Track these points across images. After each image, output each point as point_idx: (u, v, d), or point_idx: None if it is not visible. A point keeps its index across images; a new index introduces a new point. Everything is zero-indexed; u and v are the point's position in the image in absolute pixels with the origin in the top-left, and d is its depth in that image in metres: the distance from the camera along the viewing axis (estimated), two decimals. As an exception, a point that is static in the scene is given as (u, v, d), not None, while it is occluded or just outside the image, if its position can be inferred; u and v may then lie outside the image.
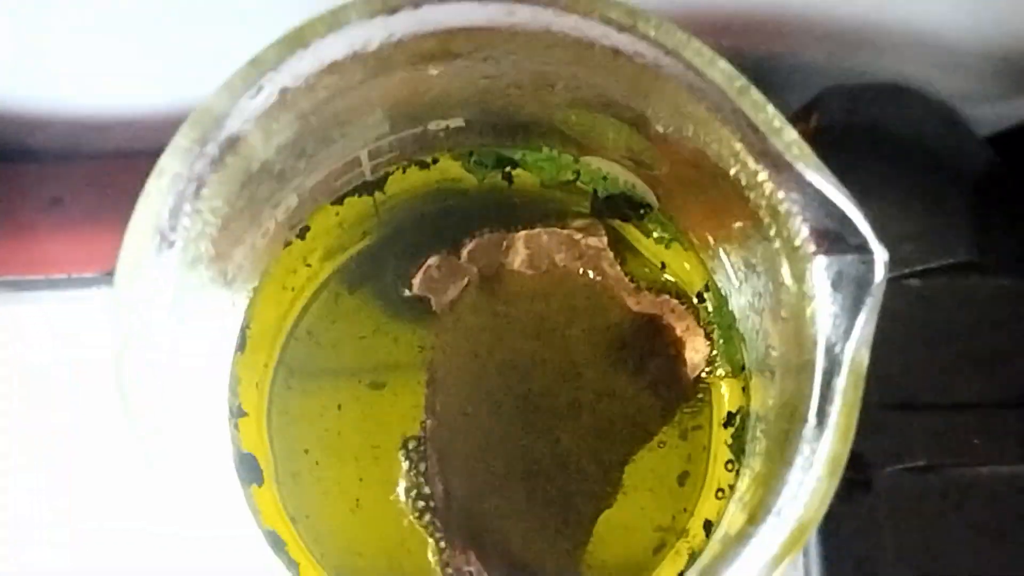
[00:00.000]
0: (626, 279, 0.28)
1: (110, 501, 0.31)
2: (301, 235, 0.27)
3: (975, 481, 0.31)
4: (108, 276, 0.23)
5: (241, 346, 0.27)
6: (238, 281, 0.25)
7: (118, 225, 0.20)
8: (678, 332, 0.28)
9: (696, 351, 0.28)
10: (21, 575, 0.31)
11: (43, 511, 0.31)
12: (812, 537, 0.32)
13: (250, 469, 0.26)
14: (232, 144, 0.21)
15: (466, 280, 0.28)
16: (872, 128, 0.33)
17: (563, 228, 0.28)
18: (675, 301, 0.28)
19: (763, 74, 0.29)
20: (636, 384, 0.28)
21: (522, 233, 0.28)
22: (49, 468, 0.31)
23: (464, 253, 0.28)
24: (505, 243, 0.28)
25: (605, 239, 0.28)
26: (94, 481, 0.31)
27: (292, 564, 0.26)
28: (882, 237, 0.21)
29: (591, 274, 0.28)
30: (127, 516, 0.30)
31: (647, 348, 0.28)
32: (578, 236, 0.28)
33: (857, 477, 0.31)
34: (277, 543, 0.26)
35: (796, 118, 0.34)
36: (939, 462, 0.31)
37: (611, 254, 0.28)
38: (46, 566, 0.31)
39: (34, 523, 0.31)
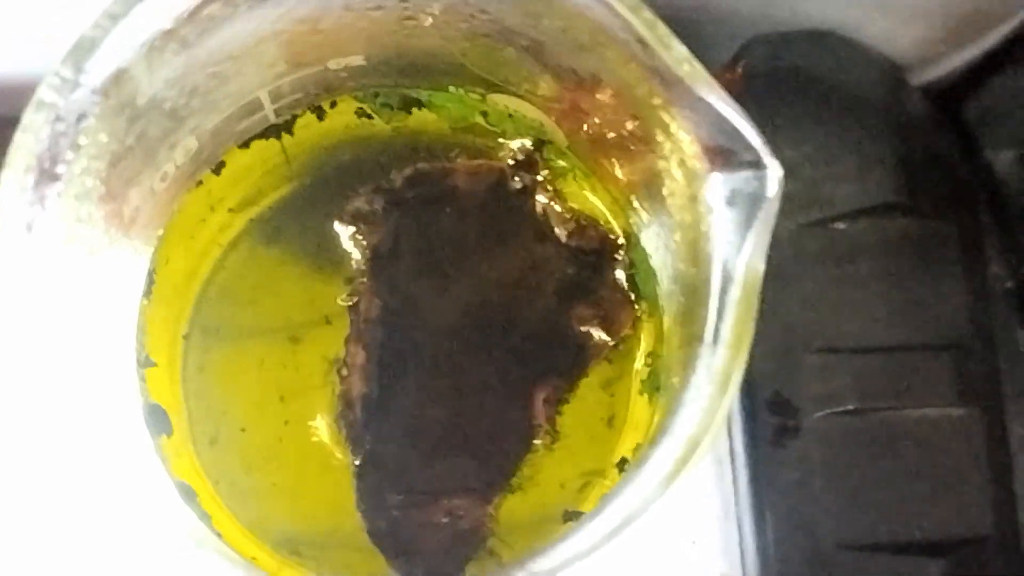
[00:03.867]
0: (562, 213, 0.28)
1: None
2: (216, 171, 0.27)
3: (904, 424, 0.31)
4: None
5: (147, 292, 0.26)
6: (138, 225, 0.25)
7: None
8: (612, 269, 0.28)
9: (627, 288, 0.28)
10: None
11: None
12: (743, 484, 0.31)
13: (158, 420, 0.26)
14: (114, 75, 0.20)
15: (399, 211, 0.27)
16: (798, 73, 0.33)
17: (499, 160, 0.28)
18: (610, 236, 0.28)
19: (692, 28, 0.29)
20: (573, 321, 0.28)
21: (458, 163, 0.28)
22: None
23: (397, 184, 0.28)
24: (440, 175, 0.28)
25: (543, 172, 0.28)
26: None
27: (204, 515, 0.26)
28: (788, 163, 0.20)
29: (528, 207, 0.28)
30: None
31: (585, 283, 0.28)
32: (514, 167, 0.28)
33: (786, 422, 0.31)
34: (188, 494, 0.26)
35: (724, 68, 0.34)
36: (868, 406, 0.31)
37: (549, 188, 0.28)
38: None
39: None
